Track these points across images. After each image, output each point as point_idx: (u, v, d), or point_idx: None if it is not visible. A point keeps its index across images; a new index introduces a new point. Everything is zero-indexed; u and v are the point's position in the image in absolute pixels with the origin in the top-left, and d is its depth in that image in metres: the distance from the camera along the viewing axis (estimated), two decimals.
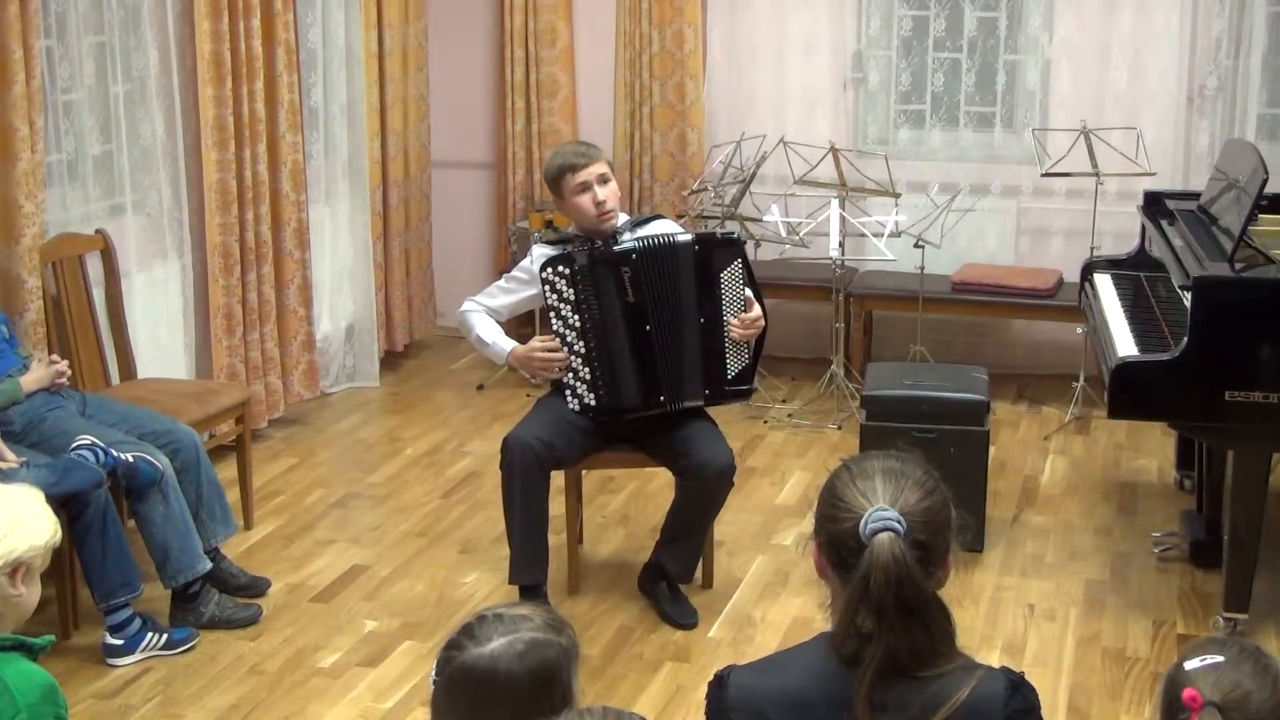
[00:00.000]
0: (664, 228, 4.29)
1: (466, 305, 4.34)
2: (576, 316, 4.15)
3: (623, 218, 4.30)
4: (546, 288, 4.14)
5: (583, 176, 4.16)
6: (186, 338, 5.44)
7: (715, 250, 4.16)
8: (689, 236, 4.18)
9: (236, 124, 5.44)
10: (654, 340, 4.15)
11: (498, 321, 4.32)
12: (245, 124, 5.49)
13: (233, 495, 4.75)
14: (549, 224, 6.22)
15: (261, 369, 5.73)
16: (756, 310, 4.20)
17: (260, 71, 5.53)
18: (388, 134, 6.57)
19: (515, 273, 4.34)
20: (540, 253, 4.25)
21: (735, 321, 4.17)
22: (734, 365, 4.23)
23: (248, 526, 4.91)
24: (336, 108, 6.29)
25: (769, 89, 6.68)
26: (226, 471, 4.97)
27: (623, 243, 4.18)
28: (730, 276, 4.18)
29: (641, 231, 4.24)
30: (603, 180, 4.16)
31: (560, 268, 4.13)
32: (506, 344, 4.26)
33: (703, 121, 6.74)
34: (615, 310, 4.14)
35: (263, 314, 5.72)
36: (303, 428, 6.01)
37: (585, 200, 4.16)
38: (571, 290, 4.14)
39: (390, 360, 6.82)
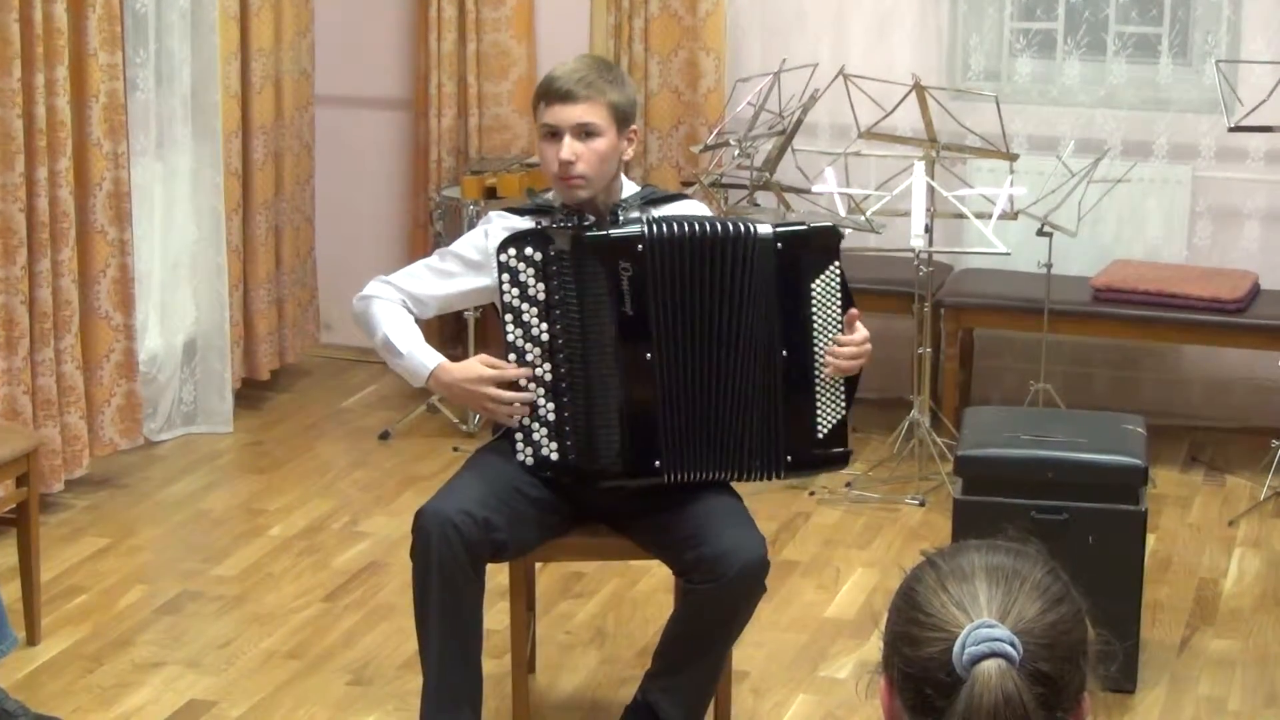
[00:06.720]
0: (690, 210, 4.30)
1: (373, 287, 4.32)
2: (545, 326, 4.14)
3: (630, 187, 4.31)
4: (505, 276, 4.12)
5: (553, 117, 4.15)
6: None
7: (806, 250, 4.18)
8: (766, 229, 4.17)
9: (25, 35, 5.44)
10: (656, 375, 4.15)
11: (419, 318, 4.30)
12: (37, 35, 5.48)
13: (9, 593, 4.72)
14: (530, 192, 6.17)
15: (56, 404, 5.72)
16: (863, 330, 4.22)
17: None
18: (250, 54, 6.58)
19: (458, 249, 4.35)
20: (501, 224, 4.26)
21: (837, 349, 4.19)
22: (827, 418, 4.23)
23: (31, 641, 4.88)
24: (175, 14, 6.29)
25: None
26: (1, 557, 4.93)
27: (626, 221, 4.18)
28: (825, 287, 4.20)
29: (658, 211, 4.26)
30: (583, 132, 4.13)
31: (529, 250, 4.12)
32: (430, 357, 4.23)
33: (723, 42, 6.76)
34: (605, 322, 4.13)
35: (59, 322, 5.71)
36: (118, 493, 6.00)
37: (549, 152, 4.18)
38: (541, 285, 4.12)
39: (250, 394, 6.82)
